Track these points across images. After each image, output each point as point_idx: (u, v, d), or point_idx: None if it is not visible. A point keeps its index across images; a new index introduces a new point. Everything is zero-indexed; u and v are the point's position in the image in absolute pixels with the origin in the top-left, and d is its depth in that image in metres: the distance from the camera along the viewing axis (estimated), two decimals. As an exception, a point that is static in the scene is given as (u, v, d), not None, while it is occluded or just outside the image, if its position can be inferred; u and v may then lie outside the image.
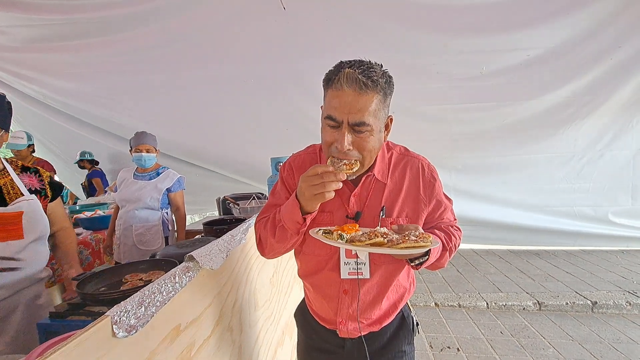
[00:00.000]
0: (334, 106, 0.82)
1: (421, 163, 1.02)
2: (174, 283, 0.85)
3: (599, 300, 3.11)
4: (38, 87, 4.60)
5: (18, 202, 1.35)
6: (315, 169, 0.82)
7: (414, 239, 0.75)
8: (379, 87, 0.81)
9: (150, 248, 2.32)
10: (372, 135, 0.84)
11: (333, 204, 0.98)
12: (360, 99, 0.80)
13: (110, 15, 4.31)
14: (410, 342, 1.12)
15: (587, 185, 4.24)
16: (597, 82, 3.95)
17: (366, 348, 1.04)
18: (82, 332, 0.59)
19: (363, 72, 0.79)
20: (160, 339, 0.79)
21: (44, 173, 1.54)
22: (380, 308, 1.05)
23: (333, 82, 0.82)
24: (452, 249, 0.98)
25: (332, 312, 1.07)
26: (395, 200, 0.98)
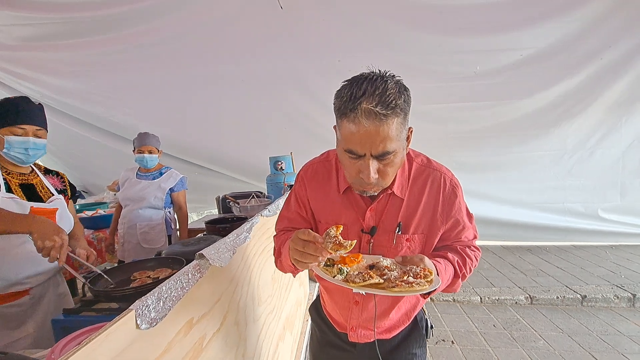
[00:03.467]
0: (353, 140, 0.77)
1: (443, 177, 0.95)
2: (187, 279, 0.90)
3: (588, 294, 3.22)
4: (35, 86, 4.59)
5: (54, 200, 1.48)
6: (302, 235, 0.77)
7: (412, 279, 0.73)
8: (398, 109, 0.75)
9: (154, 246, 2.37)
10: (396, 159, 0.81)
11: (349, 217, 0.97)
12: (381, 131, 0.75)
13: (107, 14, 4.32)
14: (421, 345, 1.11)
15: (578, 182, 4.35)
16: (588, 81, 4.05)
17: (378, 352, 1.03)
18: (110, 324, 0.65)
19: (380, 101, 0.73)
20: (176, 331, 0.85)
21: (64, 175, 1.68)
22: (392, 318, 1.06)
23: (348, 115, 0.76)
24: (467, 273, 0.95)
25: (343, 318, 1.10)
26: (412, 216, 0.94)
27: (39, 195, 1.46)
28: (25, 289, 1.41)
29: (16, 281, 1.37)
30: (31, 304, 1.42)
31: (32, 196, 1.44)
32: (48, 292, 1.50)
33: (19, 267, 1.37)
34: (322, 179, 1.02)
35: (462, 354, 2.52)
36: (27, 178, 1.47)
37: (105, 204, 3.62)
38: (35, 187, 1.47)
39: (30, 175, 1.49)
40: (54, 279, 1.55)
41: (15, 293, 1.38)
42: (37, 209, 1.39)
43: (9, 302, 1.36)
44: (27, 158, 1.43)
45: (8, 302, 1.36)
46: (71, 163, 5.15)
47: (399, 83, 0.80)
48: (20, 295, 1.39)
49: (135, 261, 1.53)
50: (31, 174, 1.50)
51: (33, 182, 1.48)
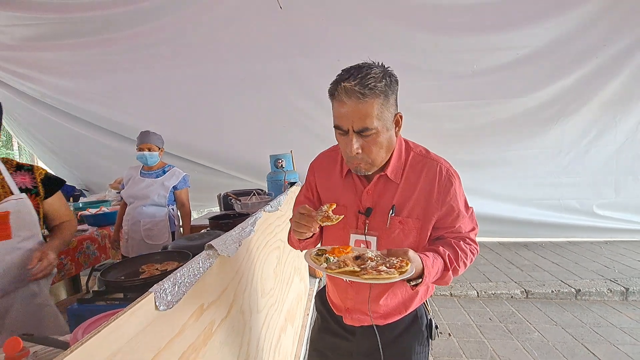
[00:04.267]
0: (339, 116, 0.89)
1: (440, 166, 1.00)
2: (198, 268, 0.97)
3: (582, 288, 3.29)
4: (35, 86, 4.63)
5: (4, 202, 1.33)
6: (301, 209, 0.91)
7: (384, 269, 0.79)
8: (378, 91, 0.84)
9: (158, 242, 2.43)
10: (379, 137, 0.90)
11: (348, 199, 1.05)
12: (361, 108, 0.85)
13: (107, 14, 4.36)
14: (422, 342, 1.12)
15: (573, 179, 4.42)
16: (583, 80, 4.12)
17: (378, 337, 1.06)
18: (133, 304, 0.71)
19: (360, 82, 0.83)
20: (189, 315, 0.91)
21: (38, 171, 1.51)
22: (387, 305, 1.08)
23: (335, 95, 0.88)
24: (458, 267, 0.97)
25: (340, 300, 1.16)
26: (407, 200, 0.99)
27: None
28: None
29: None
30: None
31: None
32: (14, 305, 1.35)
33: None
34: (328, 166, 1.13)
35: (458, 346, 2.59)
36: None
37: (107, 202, 3.67)
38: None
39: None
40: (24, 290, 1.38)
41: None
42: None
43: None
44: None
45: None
46: (72, 162, 5.19)
47: (386, 71, 0.89)
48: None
49: (142, 255, 1.58)
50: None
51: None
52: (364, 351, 1.13)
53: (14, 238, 1.32)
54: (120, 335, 0.64)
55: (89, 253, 2.76)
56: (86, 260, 2.72)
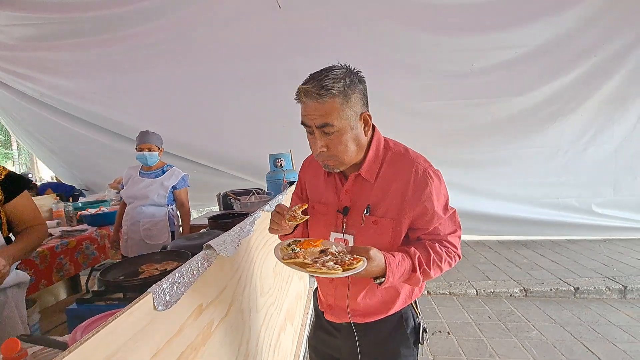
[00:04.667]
0: (302, 115, 0.94)
1: (416, 166, 0.98)
2: (197, 268, 0.97)
3: (581, 286, 3.30)
4: (34, 85, 4.64)
5: None
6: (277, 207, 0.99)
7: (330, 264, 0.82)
8: (335, 91, 0.88)
9: (157, 242, 2.43)
10: (342, 136, 0.92)
11: (329, 196, 1.09)
12: (320, 107, 0.89)
13: (106, 14, 4.36)
14: (408, 345, 1.11)
15: (572, 178, 4.43)
16: (581, 79, 4.13)
17: (356, 337, 1.07)
18: (132, 304, 0.71)
19: (317, 84, 0.88)
20: (188, 315, 0.91)
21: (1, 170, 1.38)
22: (366, 303, 1.08)
23: (297, 97, 0.94)
24: (429, 269, 0.95)
25: (323, 295, 1.20)
26: (382, 200, 0.99)
27: None
28: None
29: None
30: None
31: None
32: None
33: None
34: (316, 165, 1.15)
35: (457, 344, 2.60)
36: None
37: (107, 202, 3.68)
38: None
39: None
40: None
41: None
42: None
43: None
44: None
45: None
46: (72, 162, 5.20)
47: (348, 72, 0.92)
48: None
49: (142, 255, 1.59)
50: None
51: None
52: (348, 349, 1.14)
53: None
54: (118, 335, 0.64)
55: (88, 253, 2.77)
56: (85, 260, 2.73)
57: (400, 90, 4.35)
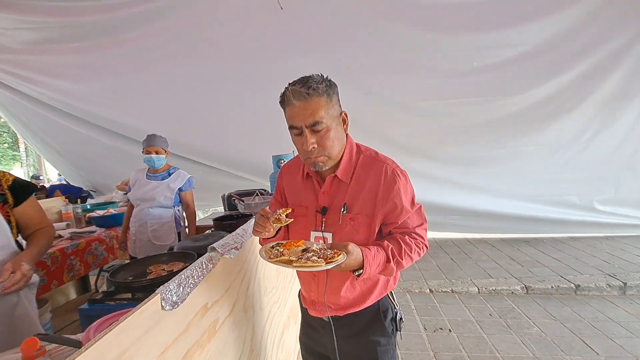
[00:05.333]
0: (291, 117, 1.00)
1: (385, 167, 1.08)
2: (202, 269, 1.03)
3: (582, 283, 3.32)
4: (41, 88, 4.71)
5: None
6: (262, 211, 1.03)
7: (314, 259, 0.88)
8: (320, 91, 0.97)
9: (164, 243, 2.50)
10: (329, 132, 1.00)
11: (308, 199, 1.16)
12: (309, 105, 0.97)
13: (111, 17, 4.42)
14: (385, 334, 1.17)
15: (573, 175, 4.43)
16: (582, 76, 4.13)
17: (333, 330, 1.16)
18: (141, 305, 0.76)
19: (303, 85, 0.97)
20: (194, 314, 0.97)
21: (4, 177, 1.43)
22: (347, 297, 1.15)
23: (285, 101, 1.01)
24: (401, 260, 1.03)
25: (306, 292, 1.26)
26: (356, 198, 1.08)
27: None
28: None
29: None
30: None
31: None
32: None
33: None
34: (293, 170, 1.24)
35: (458, 341, 2.64)
36: None
37: (114, 203, 3.75)
38: None
39: None
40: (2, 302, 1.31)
41: None
42: None
43: None
44: None
45: None
46: (79, 164, 5.28)
47: (324, 77, 1.02)
48: None
49: (149, 256, 1.65)
50: None
51: None
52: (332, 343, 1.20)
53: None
54: (129, 334, 0.70)
55: (97, 254, 2.84)
56: (95, 261, 2.80)
57: (400, 89, 4.38)
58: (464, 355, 2.46)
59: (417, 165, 4.45)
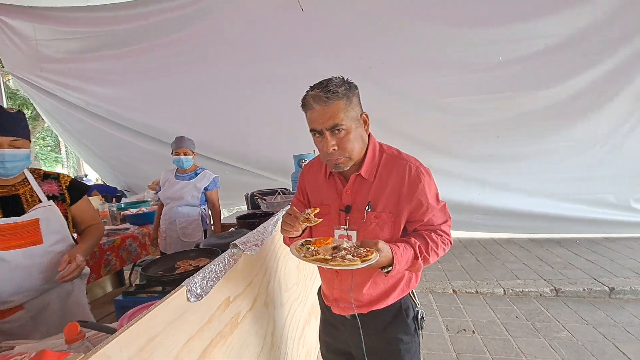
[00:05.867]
0: (312, 121, 1.03)
1: (409, 165, 1.09)
2: (224, 264, 1.09)
3: (617, 286, 3.16)
4: (80, 95, 5.02)
5: (33, 210, 1.39)
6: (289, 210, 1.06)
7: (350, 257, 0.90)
8: (339, 94, 0.99)
9: (192, 240, 2.62)
10: (349, 134, 1.02)
11: (330, 197, 1.18)
12: (328, 109, 0.99)
13: (142, 25, 4.66)
14: (408, 332, 1.19)
15: (609, 172, 4.20)
16: (616, 68, 3.90)
17: (360, 327, 1.16)
18: (168, 296, 0.83)
19: (322, 89, 0.99)
20: (217, 306, 1.04)
21: (63, 178, 1.57)
22: (370, 294, 1.16)
23: (305, 105, 1.04)
24: (429, 256, 1.05)
25: (328, 290, 1.27)
26: (380, 196, 1.10)
27: (22, 206, 1.39)
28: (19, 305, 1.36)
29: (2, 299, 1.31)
30: (29, 317, 1.38)
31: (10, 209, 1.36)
32: (51, 303, 1.44)
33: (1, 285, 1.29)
34: (315, 170, 1.26)
35: (482, 343, 2.60)
36: (9, 190, 1.39)
37: (146, 202, 3.95)
38: (20, 198, 1.40)
39: (17, 186, 1.42)
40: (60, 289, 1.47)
41: (6, 310, 1.33)
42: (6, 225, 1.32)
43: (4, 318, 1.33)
44: (5, 171, 1.35)
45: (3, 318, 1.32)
46: (115, 165, 5.59)
47: (344, 80, 1.04)
48: (14, 310, 1.35)
49: (178, 252, 1.75)
50: (20, 183, 1.43)
51: (19, 192, 1.41)
52: (355, 340, 1.21)
53: (45, 242, 1.39)
54: (157, 322, 0.77)
55: (131, 250, 3.01)
56: (129, 257, 2.98)
57: (424, 86, 4.32)
58: (488, 358, 2.42)
59: (441, 164, 4.38)
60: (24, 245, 1.33)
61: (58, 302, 1.46)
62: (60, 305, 1.46)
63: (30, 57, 4.89)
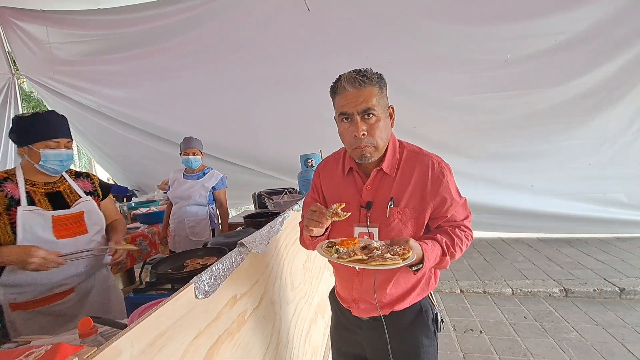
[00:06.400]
0: (343, 104, 1.02)
1: (432, 160, 1.08)
2: (231, 263, 1.11)
3: (627, 286, 3.12)
4: (91, 96, 5.12)
5: (78, 204, 1.53)
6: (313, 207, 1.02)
7: (388, 256, 0.87)
8: (374, 80, 0.99)
9: (200, 239, 2.67)
10: (379, 121, 1.01)
11: (350, 194, 1.14)
12: (362, 92, 0.99)
13: (151, 28, 4.74)
14: (429, 335, 1.16)
15: (620, 171, 4.13)
16: (628, 65, 3.84)
17: (385, 328, 1.11)
18: (176, 293, 0.86)
19: (357, 73, 1.00)
20: (224, 304, 1.06)
21: (94, 177, 1.73)
22: (392, 294, 1.13)
23: (337, 88, 1.03)
24: (455, 252, 1.05)
25: (347, 291, 1.21)
26: (403, 192, 1.07)
27: (66, 201, 1.51)
28: (69, 288, 1.50)
29: (57, 283, 1.45)
30: (78, 299, 1.52)
31: (58, 203, 1.49)
32: (94, 286, 1.60)
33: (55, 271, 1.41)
34: (331, 167, 1.24)
35: (490, 343, 2.59)
36: (52, 187, 1.51)
37: (156, 202, 4.01)
38: (62, 194, 1.53)
39: (57, 183, 1.54)
40: (99, 274, 1.64)
41: (59, 293, 1.47)
42: (59, 217, 1.45)
43: (57, 301, 1.46)
44: (62, 168, 1.50)
45: (56, 301, 1.46)
46: (125, 165, 5.68)
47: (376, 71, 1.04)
48: (66, 294, 1.49)
49: (186, 250, 1.79)
50: (59, 181, 1.55)
51: (60, 188, 1.53)
52: (373, 344, 1.18)
53: (89, 232, 1.54)
54: (167, 318, 0.79)
55: (142, 248, 3.06)
56: (139, 255, 3.03)
57: (433, 84, 4.31)
58: (495, 358, 2.41)
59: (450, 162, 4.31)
60: (73, 235, 1.48)
61: (100, 285, 1.62)
62: (101, 288, 1.63)
63: (44, 59, 5.01)
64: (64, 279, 1.46)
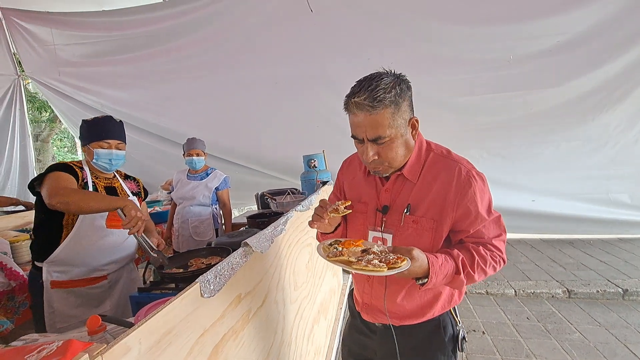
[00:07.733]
0: (353, 127, 0.95)
1: (459, 167, 0.97)
2: (236, 262, 1.13)
3: (630, 287, 3.11)
4: (95, 97, 5.15)
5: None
6: (320, 202, 1.01)
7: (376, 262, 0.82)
8: (387, 102, 0.87)
9: (204, 238, 2.69)
10: (393, 143, 0.93)
11: (368, 195, 1.09)
12: (373, 119, 0.89)
13: (155, 29, 4.77)
14: (445, 352, 1.09)
15: (623, 171, 4.12)
16: (629, 65, 3.84)
17: (395, 337, 1.07)
18: (182, 292, 0.87)
19: (369, 95, 0.87)
20: (228, 303, 1.07)
21: (139, 180, 1.99)
22: (403, 305, 1.08)
23: (348, 105, 0.93)
24: (473, 273, 0.93)
25: (359, 294, 1.20)
26: (423, 200, 0.99)
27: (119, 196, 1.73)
28: (104, 275, 1.69)
29: (97, 267, 1.65)
30: (108, 286, 1.71)
31: None
32: (122, 277, 1.78)
33: (100, 256, 1.63)
34: (355, 166, 1.20)
35: (492, 344, 2.59)
36: (110, 182, 1.75)
37: (159, 202, 4.03)
38: (116, 190, 1.75)
39: (113, 180, 1.77)
40: (127, 267, 1.83)
41: (95, 278, 1.66)
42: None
43: (91, 285, 1.66)
44: (111, 167, 1.70)
45: (90, 285, 1.65)
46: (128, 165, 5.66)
47: (397, 80, 0.92)
48: (100, 279, 1.68)
49: (191, 250, 1.80)
50: (114, 179, 1.78)
51: (115, 185, 1.76)
52: (385, 351, 1.15)
53: None
54: (173, 316, 0.81)
55: (146, 248, 3.08)
56: (144, 255, 3.05)
57: (434, 84, 4.30)
58: (498, 358, 2.42)
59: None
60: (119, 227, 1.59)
61: (127, 276, 1.81)
62: (128, 279, 1.81)
63: (49, 61, 5.04)
64: (104, 265, 1.67)
